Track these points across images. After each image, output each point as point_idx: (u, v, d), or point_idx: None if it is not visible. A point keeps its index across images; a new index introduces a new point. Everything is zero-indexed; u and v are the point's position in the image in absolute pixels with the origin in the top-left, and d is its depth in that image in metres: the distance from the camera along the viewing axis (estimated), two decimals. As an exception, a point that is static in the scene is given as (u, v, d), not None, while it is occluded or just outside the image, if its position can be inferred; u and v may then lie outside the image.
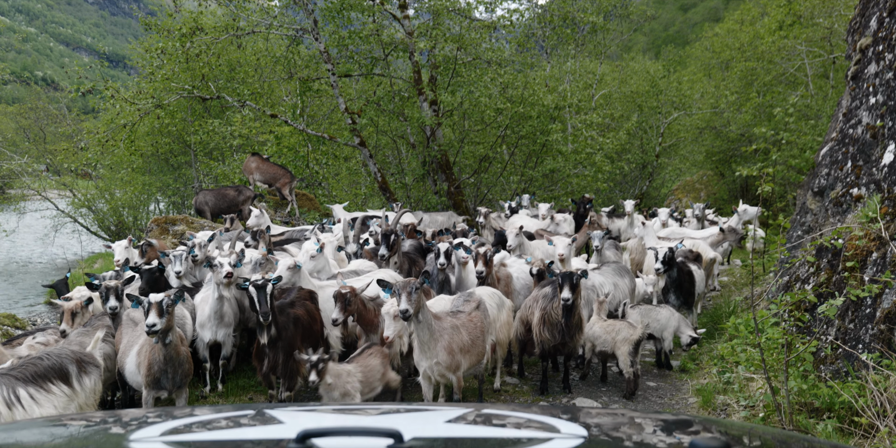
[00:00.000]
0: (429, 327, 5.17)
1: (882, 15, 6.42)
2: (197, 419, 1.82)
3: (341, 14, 15.30)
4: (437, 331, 5.22)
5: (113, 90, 14.81)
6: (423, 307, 5.13)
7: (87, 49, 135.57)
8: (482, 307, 5.84)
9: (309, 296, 6.42)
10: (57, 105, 28.82)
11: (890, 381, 4.38)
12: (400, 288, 5.02)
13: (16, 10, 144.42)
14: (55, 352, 4.67)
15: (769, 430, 2.04)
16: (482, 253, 6.93)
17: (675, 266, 7.80)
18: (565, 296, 5.94)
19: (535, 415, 1.88)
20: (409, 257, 8.45)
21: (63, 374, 4.48)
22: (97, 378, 4.76)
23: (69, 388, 4.48)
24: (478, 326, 5.59)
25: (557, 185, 17.75)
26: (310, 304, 6.34)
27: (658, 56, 39.81)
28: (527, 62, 17.93)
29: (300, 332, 5.99)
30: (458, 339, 5.31)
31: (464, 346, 5.35)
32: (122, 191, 20.44)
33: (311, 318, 6.23)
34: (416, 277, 7.11)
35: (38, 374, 4.35)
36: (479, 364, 5.75)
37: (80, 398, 4.54)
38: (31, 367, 4.39)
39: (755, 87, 20.75)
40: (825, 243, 5.78)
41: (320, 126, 18.64)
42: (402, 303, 4.94)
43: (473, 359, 5.52)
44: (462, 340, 5.34)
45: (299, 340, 5.90)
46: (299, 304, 6.20)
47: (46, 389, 4.33)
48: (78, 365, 4.62)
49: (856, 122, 6.45)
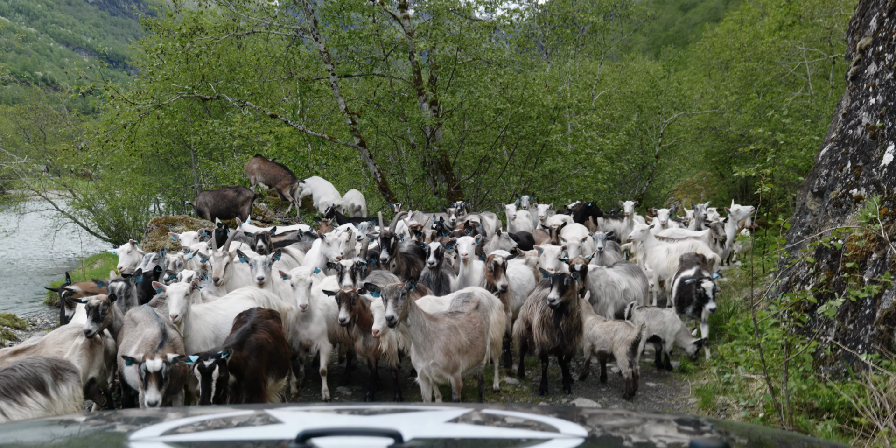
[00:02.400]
0: (422, 329, 5.13)
1: (882, 15, 6.42)
2: (197, 419, 1.82)
3: (341, 14, 15.31)
4: (433, 332, 5.18)
5: (113, 90, 14.82)
6: (414, 310, 5.08)
7: (87, 49, 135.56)
8: (482, 307, 5.79)
9: (270, 314, 5.87)
10: (57, 105, 28.85)
11: (889, 382, 4.38)
12: (387, 293, 4.94)
13: (16, 10, 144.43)
14: (28, 361, 4.53)
15: (769, 430, 2.04)
16: (500, 264, 6.66)
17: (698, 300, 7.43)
18: (552, 296, 5.91)
19: (535, 415, 1.89)
20: (407, 258, 8.42)
21: (39, 383, 4.36)
22: (75, 384, 4.65)
23: (46, 397, 4.37)
24: (477, 327, 5.54)
25: (557, 185, 17.75)
26: (274, 324, 5.77)
27: (658, 56, 39.83)
28: (527, 62, 17.94)
29: (265, 362, 5.37)
30: (456, 339, 5.26)
31: (462, 346, 5.30)
32: (122, 191, 20.44)
33: (278, 340, 5.65)
34: (415, 279, 7.07)
35: (10, 387, 4.20)
36: (478, 365, 5.70)
37: (58, 407, 4.42)
38: (4, 379, 4.24)
39: (755, 88, 20.75)
40: (825, 244, 5.78)
41: (320, 126, 18.65)
42: (388, 309, 4.89)
43: (472, 359, 5.49)
44: (460, 341, 5.29)
45: (264, 371, 5.37)
46: (262, 326, 5.55)
47: (20, 402, 4.19)
48: (53, 373, 4.49)
49: (855, 122, 6.45)
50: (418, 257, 8.47)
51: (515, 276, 7.52)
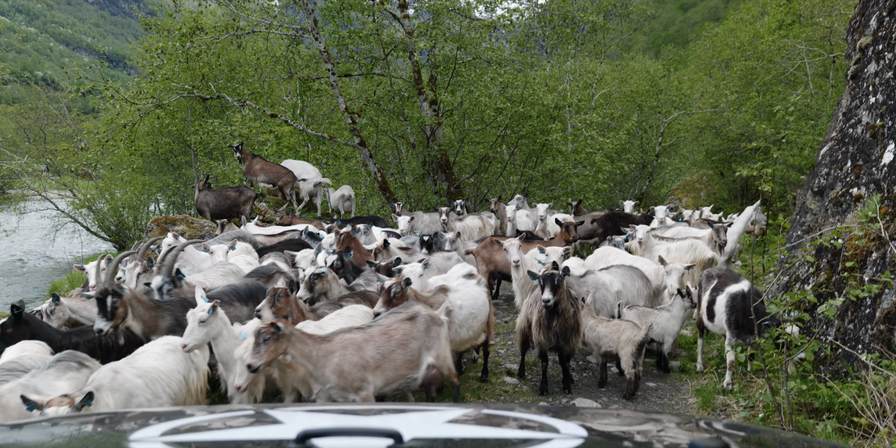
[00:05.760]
0: (308, 358, 4.68)
1: (882, 14, 6.42)
2: (197, 419, 1.83)
3: (341, 14, 15.31)
4: (321, 357, 4.71)
5: (113, 90, 14.83)
6: (295, 344, 4.61)
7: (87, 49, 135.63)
8: (418, 320, 5.28)
9: None
10: (57, 105, 28.86)
11: (889, 382, 4.38)
12: (254, 335, 4.50)
13: (16, 9, 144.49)
14: None
15: (769, 430, 2.04)
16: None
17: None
18: (546, 297, 5.92)
19: (535, 415, 1.89)
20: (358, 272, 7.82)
21: None
22: None
23: None
24: (396, 339, 5.06)
25: (557, 184, 17.76)
26: None
27: (658, 55, 39.80)
28: (527, 62, 17.95)
29: None
30: (355, 357, 4.80)
31: (366, 363, 4.83)
32: (122, 191, 20.46)
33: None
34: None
35: None
36: (406, 378, 5.14)
37: None
38: None
39: (755, 87, 20.75)
40: (825, 243, 5.78)
41: (320, 126, 18.66)
42: (249, 357, 4.47)
43: (391, 374, 5.00)
44: (362, 357, 4.83)
45: None
46: None
47: None
48: None
49: (856, 121, 6.45)
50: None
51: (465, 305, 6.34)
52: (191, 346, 4.84)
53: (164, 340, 5.08)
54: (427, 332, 5.28)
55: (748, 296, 5.97)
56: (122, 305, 5.54)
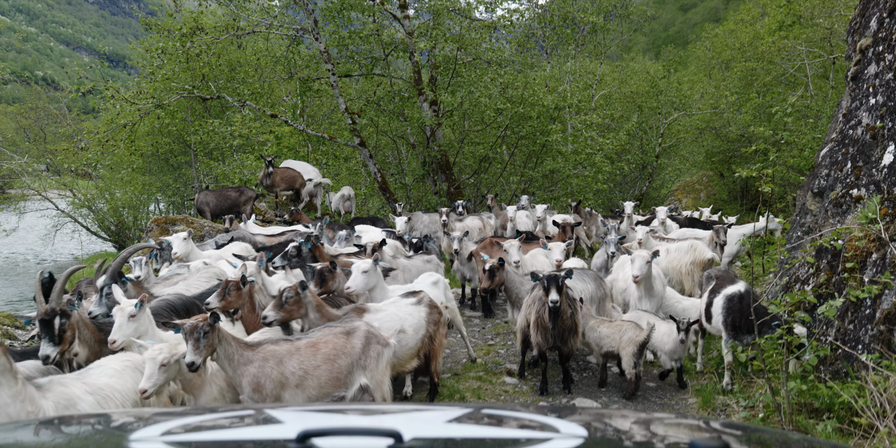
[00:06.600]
0: (230, 360, 4.51)
1: (882, 15, 6.42)
2: (197, 419, 1.82)
3: (341, 14, 15.33)
4: (241, 364, 4.52)
5: (113, 90, 14.84)
6: (223, 342, 4.45)
7: (87, 49, 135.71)
8: (355, 335, 4.94)
9: None
10: (57, 105, 28.88)
11: (889, 382, 4.38)
12: (187, 332, 4.29)
13: (16, 9, 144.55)
14: None
15: (769, 429, 2.04)
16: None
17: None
18: (553, 298, 5.87)
19: (535, 415, 1.89)
20: None
21: None
22: None
23: None
24: (324, 354, 4.73)
25: (557, 185, 17.77)
26: None
27: (658, 56, 39.84)
28: (527, 62, 17.96)
29: None
30: (274, 371, 4.54)
31: (285, 379, 4.56)
32: (122, 191, 20.46)
33: None
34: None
35: None
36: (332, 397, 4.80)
37: None
38: None
39: (755, 88, 20.77)
40: (825, 244, 5.78)
41: (320, 126, 18.66)
42: (190, 354, 4.24)
43: (314, 392, 4.66)
44: (282, 372, 4.56)
45: None
46: None
47: None
48: None
49: (856, 122, 6.45)
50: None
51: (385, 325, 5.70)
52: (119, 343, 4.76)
53: (123, 356, 4.70)
54: (365, 350, 4.92)
55: (744, 297, 5.99)
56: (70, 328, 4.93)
